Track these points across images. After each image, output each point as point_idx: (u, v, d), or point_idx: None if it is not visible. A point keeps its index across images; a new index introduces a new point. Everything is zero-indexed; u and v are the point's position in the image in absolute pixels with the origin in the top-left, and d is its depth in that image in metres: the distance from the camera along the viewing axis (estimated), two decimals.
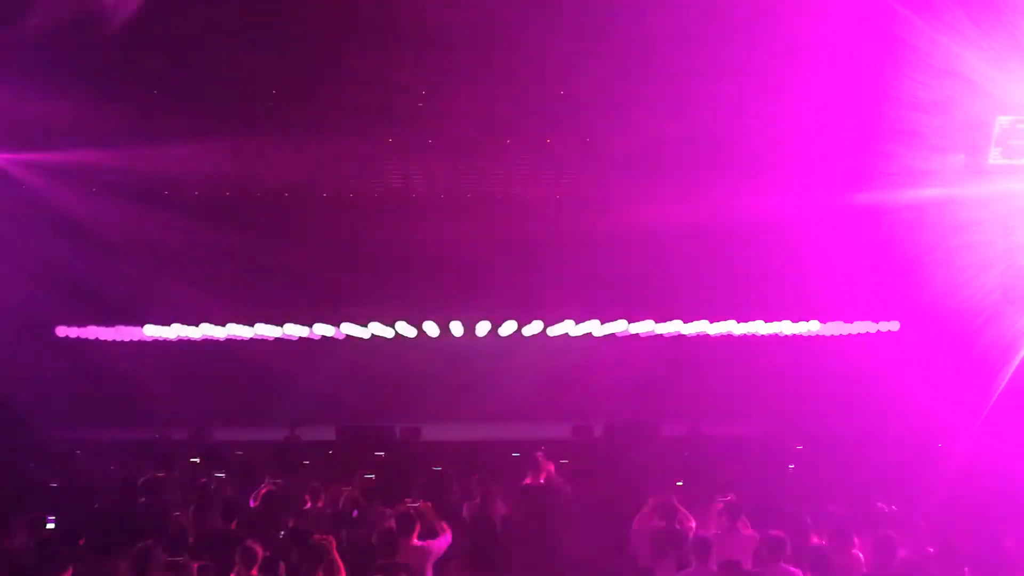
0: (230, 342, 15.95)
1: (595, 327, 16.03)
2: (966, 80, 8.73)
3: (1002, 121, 6.79)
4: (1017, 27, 8.55)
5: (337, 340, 16.07)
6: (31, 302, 14.11)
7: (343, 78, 11.90)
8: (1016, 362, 12.85)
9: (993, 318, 13.07)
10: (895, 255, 14.42)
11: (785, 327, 16.19)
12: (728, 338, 16.21)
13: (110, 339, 15.63)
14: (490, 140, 13.31)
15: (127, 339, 15.69)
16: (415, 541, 6.94)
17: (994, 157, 6.86)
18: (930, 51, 9.00)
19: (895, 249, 14.26)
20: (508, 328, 15.95)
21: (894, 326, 15.76)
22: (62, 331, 15.41)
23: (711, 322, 16.14)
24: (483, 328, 15.95)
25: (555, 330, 16.09)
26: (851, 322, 16.01)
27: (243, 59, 11.45)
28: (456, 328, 15.98)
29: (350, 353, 16.09)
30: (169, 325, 15.71)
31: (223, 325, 15.83)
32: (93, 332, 15.54)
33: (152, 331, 15.68)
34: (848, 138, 12.36)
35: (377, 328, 16.02)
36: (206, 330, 15.82)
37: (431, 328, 15.99)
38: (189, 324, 15.81)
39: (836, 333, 16.01)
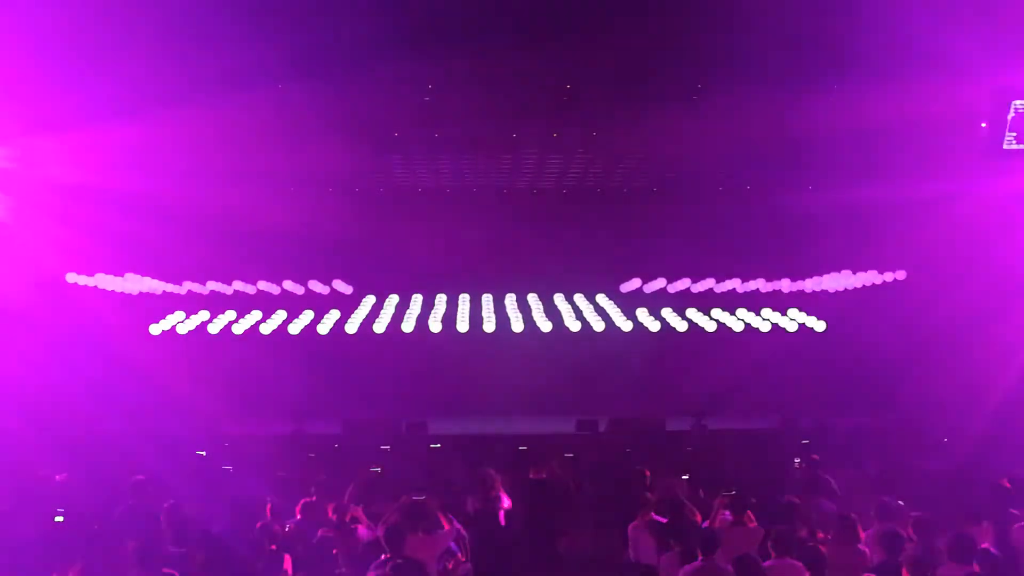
0: (239, 336, 15.95)
1: (598, 322, 15.99)
2: (976, 64, 8.62)
3: (1017, 105, 6.70)
4: None
5: (347, 334, 16.00)
6: None
7: None
8: None
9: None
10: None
11: (790, 321, 16.14)
12: (732, 332, 16.17)
13: (117, 290, 15.46)
14: None
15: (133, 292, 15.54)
16: (421, 535, 6.96)
17: (1008, 142, 6.78)
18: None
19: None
20: (517, 324, 15.90)
21: (901, 275, 15.60)
22: (72, 279, 15.06)
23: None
24: (490, 324, 15.90)
25: (567, 317, 16.02)
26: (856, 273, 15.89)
27: None
28: (462, 323, 15.94)
29: (358, 347, 16.06)
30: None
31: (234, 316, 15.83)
32: (103, 282, 15.24)
33: (156, 328, 15.63)
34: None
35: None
36: (216, 324, 15.81)
37: (435, 324, 15.95)
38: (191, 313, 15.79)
39: (841, 287, 15.87)
